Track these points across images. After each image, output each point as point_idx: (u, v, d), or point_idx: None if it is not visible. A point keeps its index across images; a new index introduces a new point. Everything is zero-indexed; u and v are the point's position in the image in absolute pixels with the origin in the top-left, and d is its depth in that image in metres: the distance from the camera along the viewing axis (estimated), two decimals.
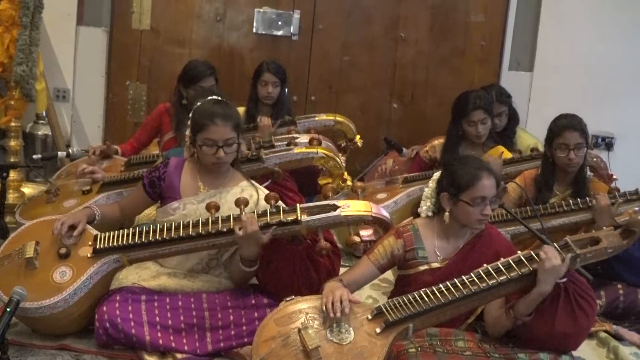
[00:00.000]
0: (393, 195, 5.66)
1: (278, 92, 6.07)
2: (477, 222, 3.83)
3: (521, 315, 3.61)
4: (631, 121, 7.29)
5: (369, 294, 4.93)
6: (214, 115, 4.03)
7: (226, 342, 3.95)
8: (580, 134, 4.82)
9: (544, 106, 6.98)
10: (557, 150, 4.85)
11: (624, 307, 4.87)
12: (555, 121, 4.95)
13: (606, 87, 7.21)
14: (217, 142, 4.03)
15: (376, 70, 7.31)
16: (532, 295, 3.56)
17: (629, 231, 3.87)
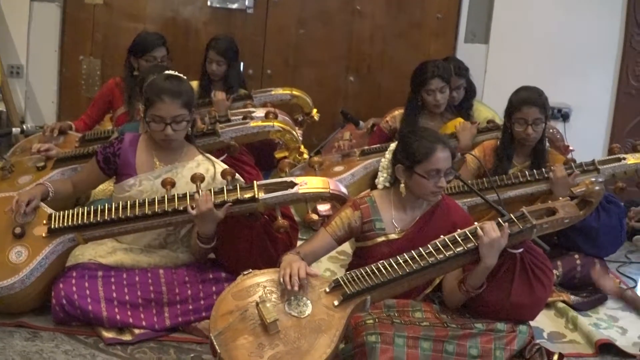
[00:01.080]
0: (350, 168, 5.67)
1: (224, 70, 6.02)
2: (432, 194, 3.84)
3: (472, 288, 3.64)
4: (587, 93, 7.33)
5: (327, 267, 4.95)
6: (162, 91, 3.98)
7: (184, 317, 3.96)
8: (540, 109, 4.83)
9: (500, 78, 7.00)
10: (515, 125, 4.86)
11: (581, 277, 4.94)
12: (516, 94, 4.96)
13: (562, 59, 7.24)
14: (164, 119, 3.99)
15: (332, 43, 7.27)
16: (479, 269, 3.59)
17: (585, 202, 3.90)
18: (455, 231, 3.63)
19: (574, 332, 4.44)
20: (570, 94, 7.19)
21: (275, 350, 3.23)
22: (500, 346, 3.68)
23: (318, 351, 3.24)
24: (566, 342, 4.34)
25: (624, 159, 4.90)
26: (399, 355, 3.48)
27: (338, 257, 5.07)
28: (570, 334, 4.43)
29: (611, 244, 5.13)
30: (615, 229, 5.04)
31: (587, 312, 4.74)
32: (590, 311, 4.77)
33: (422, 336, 3.56)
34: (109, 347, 3.75)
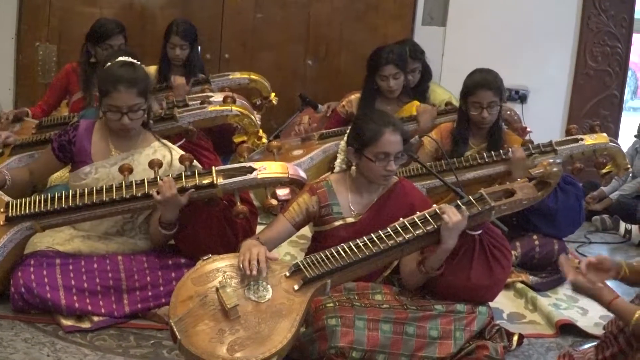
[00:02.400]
0: (309, 152, 5.69)
1: (187, 54, 5.99)
2: (382, 177, 3.85)
3: (431, 269, 3.66)
4: (545, 74, 7.39)
5: (287, 251, 4.97)
6: (118, 80, 3.93)
7: (143, 304, 3.96)
8: (495, 92, 4.84)
9: (458, 60, 7.03)
10: (471, 108, 4.88)
11: (540, 258, 4.98)
12: (471, 77, 4.96)
13: (519, 41, 7.29)
14: (121, 108, 3.96)
15: (290, 27, 7.27)
16: (439, 251, 3.61)
17: (543, 183, 3.94)
18: (412, 213, 3.64)
19: (533, 313, 4.50)
20: (528, 75, 7.25)
21: (235, 336, 3.23)
22: (460, 327, 3.71)
23: (279, 335, 3.25)
24: (526, 322, 4.40)
25: (581, 139, 4.94)
26: (359, 338, 3.50)
27: (298, 241, 5.08)
28: (530, 315, 4.49)
29: (570, 224, 5.18)
30: (574, 209, 5.09)
31: (547, 293, 4.80)
32: (550, 291, 4.84)
33: (382, 318, 3.58)
34: (69, 334, 3.74)
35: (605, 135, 5.04)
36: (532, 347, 4.05)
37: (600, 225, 6.37)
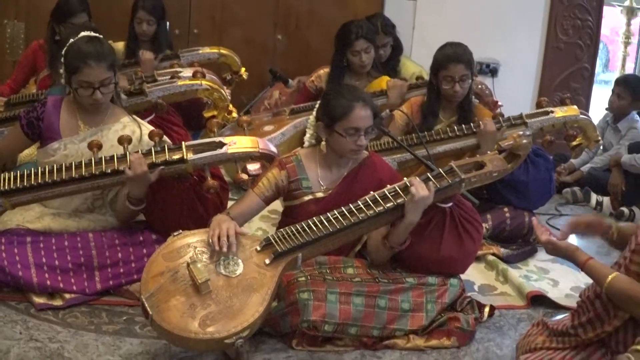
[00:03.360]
0: (280, 127, 5.69)
1: (154, 30, 5.97)
2: (352, 152, 3.86)
3: (395, 244, 3.68)
4: (515, 48, 7.41)
5: (258, 226, 4.99)
6: (87, 56, 3.91)
7: (115, 280, 3.96)
8: (466, 66, 4.87)
9: (429, 34, 7.04)
10: (442, 82, 4.90)
11: (511, 230, 5.03)
12: (441, 51, 4.98)
13: (490, 15, 7.31)
14: (92, 84, 3.94)
15: (260, 1, 7.25)
16: (402, 225, 3.63)
17: (513, 155, 3.96)
18: (382, 188, 3.65)
19: (504, 285, 4.54)
20: (499, 49, 7.28)
21: (207, 311, 3.24)
22: (431, 299, 3.75)
23: (250, 310, 3.26)
24: (497, 294, 4.44)
25: (552, 112, 4.97)
26: (331, 312, 3.53)
27: (270, 216, 5.10)
28: (501, 287, 4.53)
29: (540, 196, 5.23)
30: (544, 182, 5.14)
31: (517, 265, 4.85)
32: (521, 263, 4.89)
33: (354, 292, 3.61)
34: (41, 312, 3.73)
35: (576, 107, 5.08)
36: (503, 319, 4.09)
37: (571, 197, 6.41)
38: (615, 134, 6.60)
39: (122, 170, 3.81)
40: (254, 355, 3.51)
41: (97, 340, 3.54)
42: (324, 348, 3.61)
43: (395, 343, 3.68)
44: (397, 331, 3.69)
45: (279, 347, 3.62)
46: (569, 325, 3.23)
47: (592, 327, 3.12)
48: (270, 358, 3.52)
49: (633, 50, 8.63)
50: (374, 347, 3.65)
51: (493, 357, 3.70)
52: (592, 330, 3.12)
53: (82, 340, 3.53)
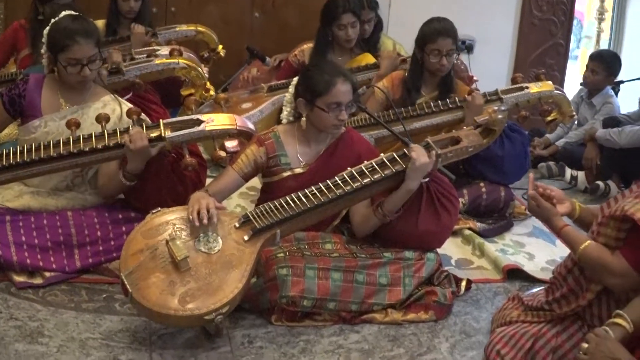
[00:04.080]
0: (258, 104, 5.67)
1: (140, 5, 5.93)
2: (333, 127, 3.86)
3: (389, 212, 3.69)
4: (490, 25, 7.42)
5: (237, 203, 4.98)
6: (75, 33, 3.90)
7: (95, 258, 3.95)
8: (453, 41, 4.89)
9: (405, 11, 7.04)
10: (430, 56, 4.89)
11: (487, 205, 5.04)
12: (429, 25, 4.98)
13: None
14: (81, 60, 3.92)
15: None
16: (400, 191, 3.65)
17: (489, 130, 3.99)
18: (359, 163, 3.66)
19: (481, 259, 4.56)
20: (474, 25, 7.26)
21: (186, 287, 3.24)
22: (409, 274, 3.77)
23: (230, 286, 3.26)
24: (474, 268, 4.46)
25: (526, 88, 4.98)
26: (310, 287, 3.54)
27: (248, 192, 5.09)
28: (478, 260, 4.55)
29: (516, 171, 5.24)
30: (520, 156, 5.15)
31: (494, 239, 4.87)
32: (497, 238, 4.91)
33: (332, 267, 3.62)
34: (21, 291, 3.72)
35: (551, 83, 5.10)
36: (480, 292, 4.11)
37: (546, 171, 6.43)
38: (590, 109, 6.62)
39: (122, 145, 3.81)
40: (233, 331, 3.52)
41: (77, 318, 3.54)
42: (303, 323, 3.63)
43: (373, 317, 3.70)
44: (375, 305, 3.70)
45: (258, 322, 3.63)
46: (543, 300, 3.26)
47: (567, 302, 3.14)
48: (250, 334, 3.52)
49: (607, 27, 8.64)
50: (352, 321, 3.67)
51: (470, 330, 3.72)
52: (566, 305, 3.14)
53: (62, 318, 3.52)
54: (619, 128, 5.91)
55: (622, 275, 2.84)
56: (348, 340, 3.55)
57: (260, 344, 3.46)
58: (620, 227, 2.90)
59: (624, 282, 2.83)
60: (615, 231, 2.92)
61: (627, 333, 2.59)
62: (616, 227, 2.92)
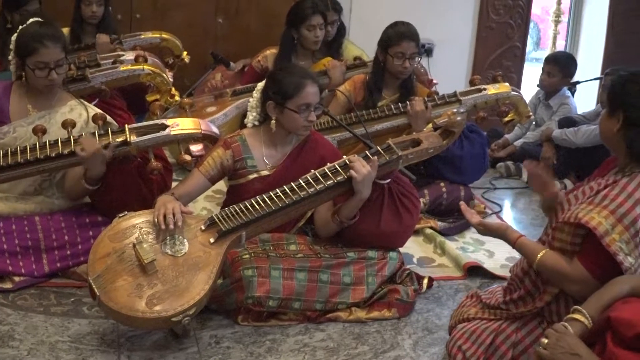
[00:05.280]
0: (222, 108, 5.67)
1: (102, 11, 5.91)
2: (303, 128, 3.87)
3: (345, 218, 3.71)
4: (449, 28, 7.47)
5: (203, 206, 4.98)
6: (42, 37, 3.88)
7: (63, 262, 3.93)
8: (416, 44, 4.96)
9: (366, 16, 7.08)
10: (393, 58, 4.94)
11: (447, 204, 5.08)
12: (394, 28, 5.03)
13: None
14: (48, 64, 3.90)
15: None
16: (354, 200, 3.66)
17: (448, 131, 4.01)
18: (323, 165, 3.68)
19: (442, 257, 4.59)
20: (433, 29, 7.31)
21: (154, 290, 3.23)
22: (372, 273, 3.78)
23: (196, 288, 3.26)
24: (435, 266, 4.49)
25: (484, 89, 5.03)
26: (275, 287, 3.54)
27: (214, 195, 5.09)
28: (439, 258, 4.58)
29: (475, 171, 5.30)
30: (478, 156, 5.20)
31: (454, 237, 4.91)
32: (457, 236, 4.95)
33: (297, 267, 3.63)
34: None
35: (507, 84, 5.15)
36: (441, 289, 4.14)
37: (505, 171, 6.49)
38: (547, 110, 6.68)
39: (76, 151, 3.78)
40: (200, 332, 3.52)
41: (46, 321, 3.52)
42: (269, 323, 3.63)
43: (338, 316, 3.71)
44: (340, 304, 3.71)
45: (225, 323, 3.63)
46: (500, 300, 3.28)
47: (524, 303, 3.17)
48: (217, 334, 3.52)
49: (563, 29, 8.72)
50: (317, 320, 3.68)
51: (432, 327, 3.74)
52: (523, 306, 3.17)
53: (32, 322, 3.50)
54: (575, 128, 5.98)
55: (581, 282, 2.86)
56: (313, 339, 3.56)
57: (227, 344, 3.46)
58: (576, 233, 2.92)
59: (582, 288, 2.84)
60: (570, 236, 2.94)
61: (586, 328, 2.61)
62: (571, 233, 2.94)
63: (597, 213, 2.83)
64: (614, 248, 2.77)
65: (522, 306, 3.17)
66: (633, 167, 2.92)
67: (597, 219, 2.82)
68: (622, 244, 2.78)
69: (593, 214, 2.84)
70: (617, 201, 2.83)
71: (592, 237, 2.83)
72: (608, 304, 2.62)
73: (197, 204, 4.86)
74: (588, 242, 2.88)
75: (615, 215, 2.81)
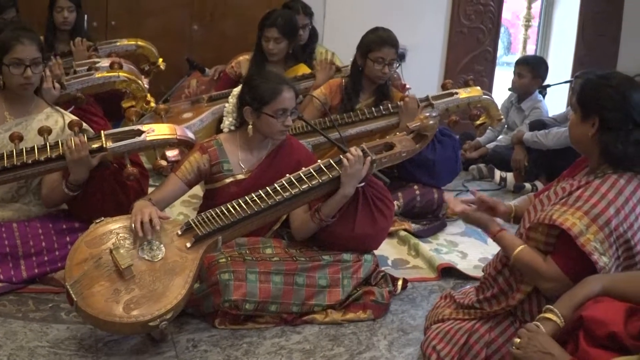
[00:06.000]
0: (198, 114, 5.66)
1: (74, 18, 5.91)
2: (279, 132, 3.88)
3: (326, 216, 3.71)
4: (421, 34, 7.51)
5: (180, 211, 4.97)
6: (19, 35, 3.87)
7: (40, 268, 3.90)
8: (395, 51, 5.01)
9: (339, 22, 7.11)
10: (374, 63, 4.97)
11: (421, 207, 5.10)
12: (375, 34, 5.07)
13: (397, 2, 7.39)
14: (24, 61, 3.88)
15: None
16: (336, 197, 3.68)
17: (420, 135, 4.03)
18: (299, 169, 3.68)
19: (416, 258, 4.60)
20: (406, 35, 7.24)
21: (131, 295, 3.21)
22: (347, 275, 3.79)
23: (173, 292, 3.25)
24: (410, 267, 4.49)
25: (456, 93, 5.06)
26: (252, 290, 3.54)
27: (190, 200, 5.08)
28: (413, 260, 4.59)
29: (448, 174, 5.33)
30: (451, 160, 5.23)
31: (428, 239, 4.92)
32: (431, 238, 4.96)
33: (273, 271, 3.62)
34: None
35: (479, 88, 5.18)
36: (415, 291, 4.15)
37: (477, 173, 6.51)
38: (519, 114, 6.72)
39: (63, 157, 3.77)
40: (178, 336, 3.50)
41: (25, 327, 3.49)
42: (245, 326, 3.62)
43: (314, 318, 3.71)
44: (316, 306, 3.71)
45: (203, 326, 3.62)
46: (474, 299, 3.29)
47: (497, 302, 3.18)
48: (194, 338, 3.51)
49: (534, 33, 8.78)
50: (293, 322, 3.68)
51: (407, 328, 3.74)
52: (497, 304, 3.17)
53: (11, 327, 3.48)
54: (546, 130, 6.01)
55: (555, 280, 2.87)
56: (290, 341, 3.55)
57: (205, 347, 3.45)
58: (549, 233, 2.93)
59: (556, 286, 2.85)
60: (544, 236, 2.96)
61: (558, 327, 2.62)
62: (545, 233, 2.95)
63: (571, 214, 2.85)
64: (589, 248, 2.79)
65: (496, 305, 3.17)
66: (605, 169, 2.94)
67: (571, 219, 2.83)
68: (596, 243, 2.79)
69: (567, 215, 2.85)
70: (591, 202, 2.85)
71: (566, 237, 2.84)
72: (580, 303, 2.63)
73: (173, 209, 4.85)
74: (562, 242, 2.89)
75: (589, 215, 2.82)
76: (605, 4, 7.98)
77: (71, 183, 3.89)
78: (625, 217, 2.84)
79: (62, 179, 3.91)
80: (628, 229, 2.84)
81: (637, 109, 2.90)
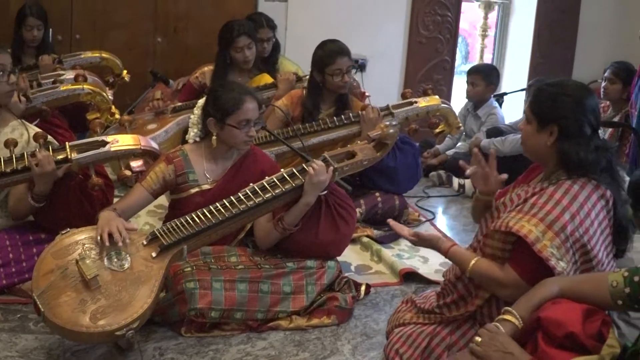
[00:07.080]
0: (163, 125, 5.64)
1: (42, 34, 5.88)
2: (244, 143, 3.87)
3: (289, 225, 3.71)
4: (381, 44, 7.55)
5: (146, 221, 4.94)
6: None
7: (8, 280, 3.87)
8: (349, 57, 5.01)
9: (300, 33, 7.12)
10: (332, 77, 4.98)
11: (383, 213, 5.11)
12: (324, 48, 5.06)
13: (356, 13, 7.42)
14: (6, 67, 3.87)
15: (139, 5, 7.14)
16: (299, 205, 3.68)
17: (381, 144, 4.04)
18: (263, 179, 3.68)
19: (379, 264, 4.61)
20: (366, 45, 7.39)
21: (97, 305, 3.19)
22: (311, 282, 3.79)
23: (139, 302, 3.23)
24: (372, 273, 4.50)
25: (415, 102, 5.08)
26: (217, 299, 3.53)
27: (156, 210, 5.05)
28: (376, 266, 4.60)
29: (408, 181, 5.35)
30: (411, 167, 5.25)
31: (390, 245, 4.93)
32: (393, 243, 4.96)
33: (238, 279, 3.62)
34: None
35: (437, 97, 5.21)
36: (378, 295, 4.16)
37: (437, 180, 6.54)
38: (476, 121, 6.77)
39: (29, 168, 3.74)
40: (145, 344, 3.48)
41: None
42: (212, 333, 3.61)
43: (279, 324, 3.70)
44: (281, 313, 3.71)
45: (169, 335, 3.60)
46: (434, 305, 3.30)
47: (457, 307, 3.19)
48: (161, 346, 3.49)
49: (490, 43, 8.84)
50: (259, 329, 3.67)
51: (370, 332, 3.75)
52: (456, 310, 3.19)
53: None
54: (502, 137, 6.06)
55: (513, 287, 2.88)
56: (255, 348, 3.54)
57: (172, 355, 3.43)
58: (506, 240, 2.94)
59: (514, 293, 2.85)
60: (500, 243, 2.97)
61: (517, 328, 2.63)
62: (501, 240, 2.96)
63: (527, 221, 2.86)
64: (546, 254, 2.80)
65: (455, 310, 3.19)
66: (559, 175, 2.96)
67: (527, 227, 2.85)
68: (553, 249, 2.81)
69: (523, 222, 2.87)
70: (546, 209, 2.86)
71: (523, 244, 2.85)
72: (538, 305, 2.64)
73: (139, 219, 4.82)
74: (519, 248, 2.90)
75: (545, 222, 2.84)
76: (561, 12, 8.06)
77: (36, 194, 3.85)
78: (581, 222, 2.86)
79: (28, 191, 3.87)
80: (584, 233, 2.86)
81: (594, 114, 2.92)
